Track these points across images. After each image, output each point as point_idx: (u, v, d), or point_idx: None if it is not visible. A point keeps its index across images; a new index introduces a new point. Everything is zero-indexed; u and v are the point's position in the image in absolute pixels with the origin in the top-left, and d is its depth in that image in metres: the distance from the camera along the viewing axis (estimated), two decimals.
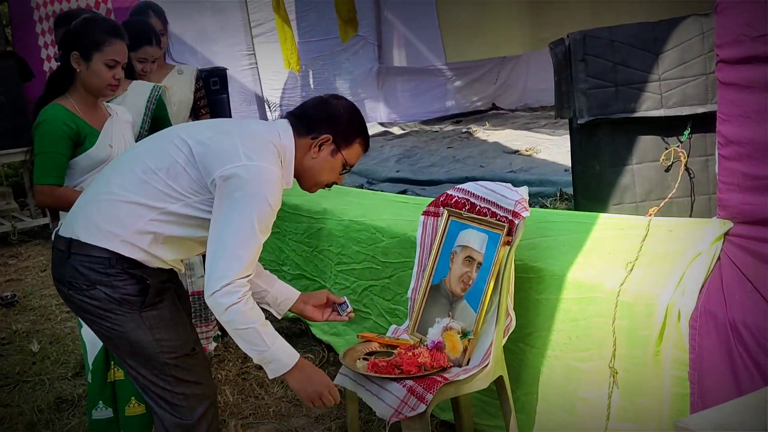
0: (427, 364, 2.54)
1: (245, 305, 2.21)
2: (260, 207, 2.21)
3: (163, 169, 2.29)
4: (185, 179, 2.28)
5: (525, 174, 6.20)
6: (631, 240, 2.61)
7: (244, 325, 2.23)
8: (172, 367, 2.37)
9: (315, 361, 3.93)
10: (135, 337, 2.33)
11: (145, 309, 2.33)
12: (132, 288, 2.31)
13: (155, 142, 2.43)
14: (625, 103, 3.16)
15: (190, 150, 2.29)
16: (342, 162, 2.44)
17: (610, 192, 3.27)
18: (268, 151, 2.29)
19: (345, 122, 2.42)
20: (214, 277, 2.19)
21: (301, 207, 4.35)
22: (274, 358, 2.28)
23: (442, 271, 2.83)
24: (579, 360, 2.57)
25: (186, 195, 2.28)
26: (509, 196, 2.66)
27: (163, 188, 2.28)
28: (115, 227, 2.29)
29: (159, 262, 2.35)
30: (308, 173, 2.43)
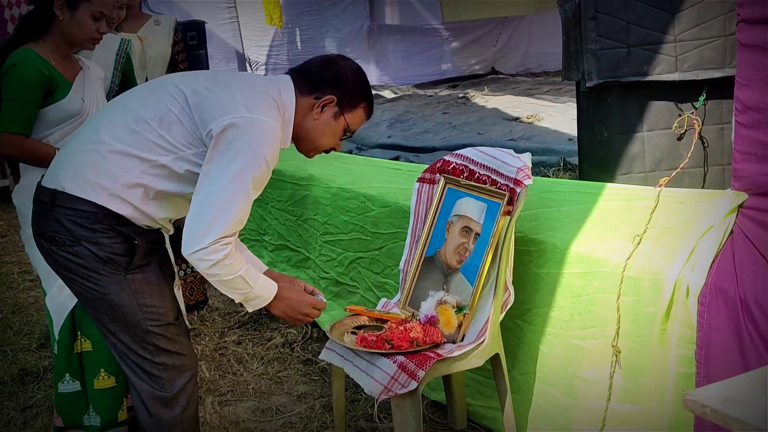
0: (419, 340, 2.57)
1: (231, 258, 2.23)
2: (257, 162, 2.22)
3: (155, 119, 2.28)
4: (179, 130, 2.27)
5: (526, 142, 6.22)
6: (639, 212, 2.63)
7: (230, 276, 2.26)
8: (154, 335, 2.38)
9: (297, 337, 3.96)
10: (118, 300, 2.34)
11: (130, 271, 2.34)
12: (119, 247, 2.31)
13: (147, 90, 2.42)
14: (637, 65, 3.16)
15: (185, 99, 2.29)
16: (344, 126, 2.43)
17: (618, 161, 3.28)
18: (268, 106, 2.30)
19: (351, 84, 2.42)
20: (199, 234, 2.20)
21: (284, 172, 4.34)
22: (257, 296, 2.36)
23: (437, 242, 2.85)
24: (580, 338, 2.60)
25: (179, 147, 2.28)
26: (511, 163, 2.67)
27: (155, 139, 2.28)
28: (103, 179, 2.28)
29: (148, 220, 2.35)
30: (308, 135, 2.43)
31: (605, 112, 3.30)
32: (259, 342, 3.98)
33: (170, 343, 2.42)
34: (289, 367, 3.72)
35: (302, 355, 3.80)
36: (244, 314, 4.27)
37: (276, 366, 3.73)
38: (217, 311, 4.38)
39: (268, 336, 4.03)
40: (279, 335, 4.00)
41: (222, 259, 2.21)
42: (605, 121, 3.31)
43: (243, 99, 2.27)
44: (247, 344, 3.97)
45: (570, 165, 5.03)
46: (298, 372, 3.66)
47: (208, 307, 4.41)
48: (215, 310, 4.39)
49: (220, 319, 4.28)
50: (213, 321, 4.27)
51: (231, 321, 4.25)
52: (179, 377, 2.44)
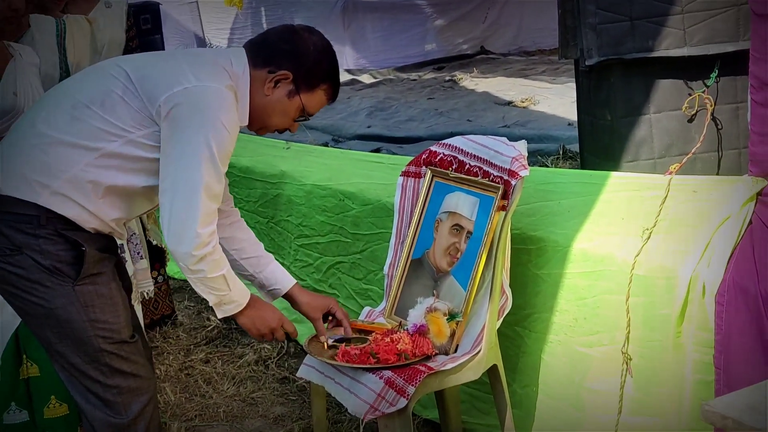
0: (407, 352, 2.56)
1: (216, 253, 2.29)
2: (216, 132, 2.22)
3: (96, 102, 2.28)
4: (124, 111, 2.27)
5: (521, 129, 6.24)
6: (648, 203, 2.64)
7: (214, 274, 2.31)
8: (107, 354, 2.36)
9: (272, 353, 3.95)
10: (66, 315, 2.31)
11: (80, 282, 2.31)
12: (65, 254, 2.30)
13: (87, 73, 2.42)
14: (641, 40, 3.17)
15: (127, 77, 2.29)
16: (299, 107, 2.44)
17: (623, 147, 3.30)
18: (218, 73, 2.30)
19: (311, 61, 2.42)
20: (179, 225, 2.22)
21: (253, 170, 4.34)
22: (232, 300, 2.40)
23: (425, 242, 2.85)
24: (586, 345, 2.61)
25: (127, 129, 2.27)
26: (504, 152, 2.67)
27: (99, 124, 2.27)
28: (44, 177, 2.27)
29: (97, 222, 2.33)
30: (258, 112, 2.43)
31: (607, 93, 3.31)
32: (230, 360, 3.97)
33: (125, 363, 2.40)
34: (263, 386, 3.71)
35: (278, 373, 3.79)
36: (212, 329, 4.26)
37: (249, 386, 3.72)
38: (181, 327, 4.36)
39: (239, 353, 4.02)
40: (251, 352, 3.99)
41: (210, 253, 2.26)
42: (608, 103, 3.32)
43: (191, 69, 2.28)
44: (216, 362, 3.95)
45: (570, 153, 5.05)
46: (274, 392, 3.66)
47: (173, 322, 4.39)
48: (180, 326, 4.37)
49: (185, 336, 4.27)
50: (177, 337, 4.25)
51: (197, 337, 4.24)
52: (135, 401, 2.42)
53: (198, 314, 4.52)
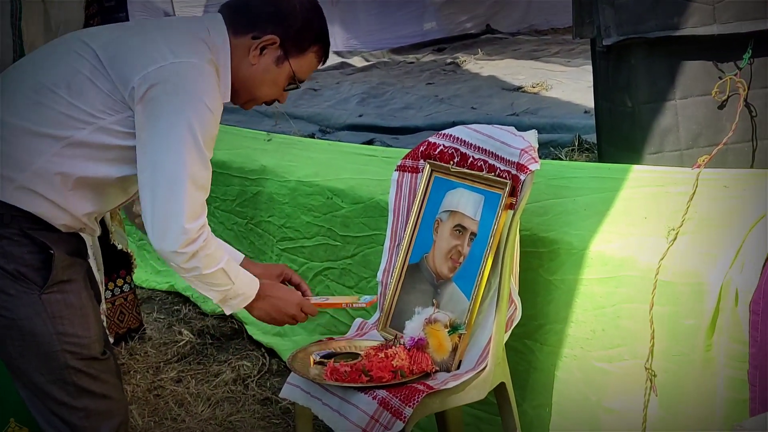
0: (404, 369, 2.56)
1: (209, 247, 2.29)
2: (199, 114, 2.22)
3: (62, 85, 2.26)
4: (94, 94, 2.25)
5: (531, 117, 6.23)
6: (674, 200, 2.64)
7: (211, 269, 2.31)
8: (75, 372, 2.35)
9: (252, 370, 3.95)
10: (30, 327, 2.30)
11: (47, 290, 2.30)
12: (32, 257, 2.28)
13: (48, 52, 2.40)
14: (665, 16, 3.17)
15: (95, 55, 2.27)
16: (289, 74, 2.44)
17: (646, 137, 3.30)
18: (198, 48, 2.30)
19: (300, 22, 2.41)
20: (164, 221, 2.22)
21: (230, 164, 4.34)
22: (238, 293, 2.43)
23: (424, 245, 2.85)
24: (605, 360, 2.61)
25: (97, 115, 2.25)
26: (512, 144, 2.68)
27: (65, 110, 2.25)
28: (7, 169, 2.25)
29: (68, 218, 2.32)
30: (244, 84, 2.42)
31: (628, 76, 3.31)
32: (205, 378, 3.97)
33: (94, 382, 2.39)
34: (242, 409, 3.71)
35: (259, 394, 3.79)
36: (184, 344, 4.26)
37: (226, 408, 3.72)
38: (150, 342, 4.36)
39: (215, 371, 4.02)
40: (229, 369, 3.99)
41: (202, 248, 2.26)
42: (628, 87, 3.32)
43: (166, 43, 2.27)
44: (189, 382, 3.95)
45: (586, 144, 5.04)
46: (254, 415, 3.66)
47: (140, 337, 4.39)
48: (148, 341, 4.37)
49: (154, 352, 4.26)
50: (145, 354, 4.25)
51: (168, 353, 4.24)
52: (104, 425, 2.41)
53: (168, 327, 4.52)
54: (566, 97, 6.90)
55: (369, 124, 6.70)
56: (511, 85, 7.67)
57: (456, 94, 7.52)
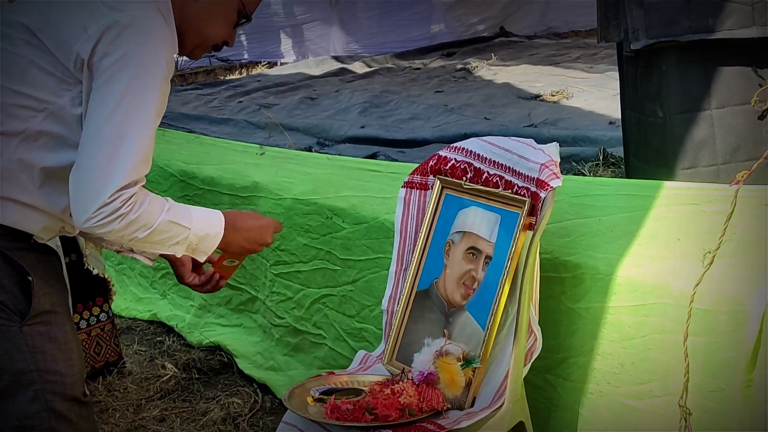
0: (412, 407, 2.56)
1: (141, 206, 2.19)
2: (150, 69, 2.19)
3: (2, 73, 2.25)
4: (37, 75, 2.24)
5: (551, 129, 6.25)
6: (710, 219, 2.64)
7: (153, 225, 2.22)
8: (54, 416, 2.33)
9: (243, 408, 3.94)
10: (8, 364, 2.29)
11: (29, 321, 2.29)
12: (10, 283, 2.28)
13: None
14: (700, 18, 3.18)
15: (27, 29, 2.26)
16: (237, 6, 2.44)
17: (679, 150, 3.30)
18: None
19: None
20: (93, 188, 2.15)
21: (219, 181, 4.35)
22: (199, 236, 2.35)
23: (434, 270, 2.85)
24: (635, 396, 2.60)
25: (46, 99, 2.24)
26: (532, 158, 2.68)
27: (12, 100, 2.24)
28: None
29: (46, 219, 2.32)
30: (192, 24, 2.40)
31: (658, 84, 3.32)
32: (191, 417, 3.96)
33: (72, 429, 2.38)
34: None
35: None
36: (168, 379, 4.26)
37: None
38: (130, 376, 4.36)
39: (202, 408, 4.01)
40: (217, 407, 3.98)
41: (130, 210, 2.17)
42: (659, 96, 3.33)
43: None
44: (173, 421, 3.95)
45: (612, 158, 5.05)
46: None
47: (119, 371, 4.39)
48: (128, 375, 4.37)
49: (134, 387, 4.26)
50: (125, 390, 4.25)
51: (150, 389, 4.23)
52: None
53: (150, 361, 4.52)
54: (589, 106, 6.92)
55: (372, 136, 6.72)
56: (528, 93, 7.69)
57: (467, 104, 7.54)
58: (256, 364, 4.08)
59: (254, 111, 7.95)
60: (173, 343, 4.65)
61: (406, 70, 9.81)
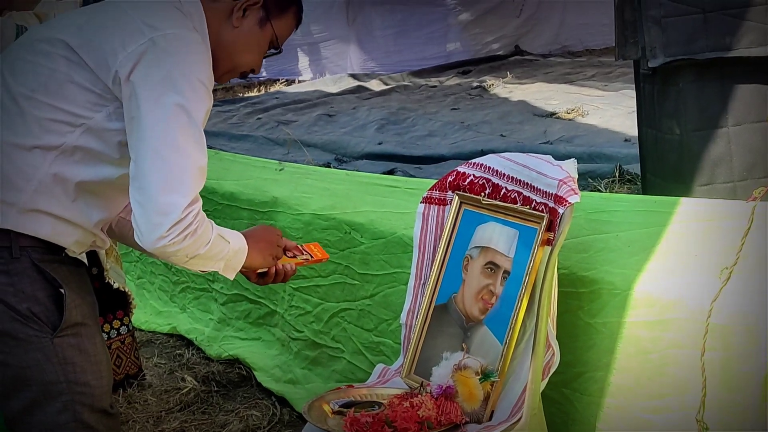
0: (431, 420, 2.56)
1: (204, 220, 2.25)
2: (191, 87, 2.21)
3: (40, 88, 2.26)
4: (75, 91, 2.25)
5: (567, 146, 6.25)
6: (727, 235, 2.63)
7: (209, 240, 2.28)
8: (82, 427, 2.34)
9: (261, 421, 3.94)
10: (39, 375, 2.29)
11: (60, 333, 2.30)
12: (44, 295, 2.28)
13: (15, 56, 2.36)
14: (717, 36, 3.18)
15: (67, 46, 2.26)
16: (271, 37, 2.48)
17: (696, 167, 3.30)
18: (172, 15, 2.30)
19: None
20: (162, 208, 2.17)
21: (239, 196, 4.36)
22: (235, 249, 2.42)
23: (452, 284, 2.85)
24: (651, 411, 2.59)
25: (83, 114, 2.25)
26: (549, 174, 2.68)
27: (49, 115, 2.25)
28: (6, 192, 2.25)
29: (79, 233, 2.33)
30: (227, 50, 2.44)
31: (675, 101, 3.32)
32: (210, 430, 3.97)
33: None
34: None
35: None
36: (187, 392, 4.26)
37: None
38: (150, 389, 4.36)
39: (221, 421, 4.01)
40: (236, 419, 3.98)
41: (199, 226, 2.22)
42: (676, 113, 3.33)
43: (140, 17, 2.26)
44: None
45: (629, 175, 5.05)
46: None
47: (139, 384, 4.39)
48: (148, 388, 4.37)
49: (154, 400, 4.27)
50: (145, 402, 4.25)
51: (170, 402, 4.24)
52: None
53: (170, 373, 4.52)
54: (604, 124, 6.92)
55: (389, 152, 6.73)
56: (544, 110, 7.70)
57: (483, 121, 7.55)
58: (274, 377, 4.08)
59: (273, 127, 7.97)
60: (193, 356, 4.66)
61: (422, 87, 9.83)
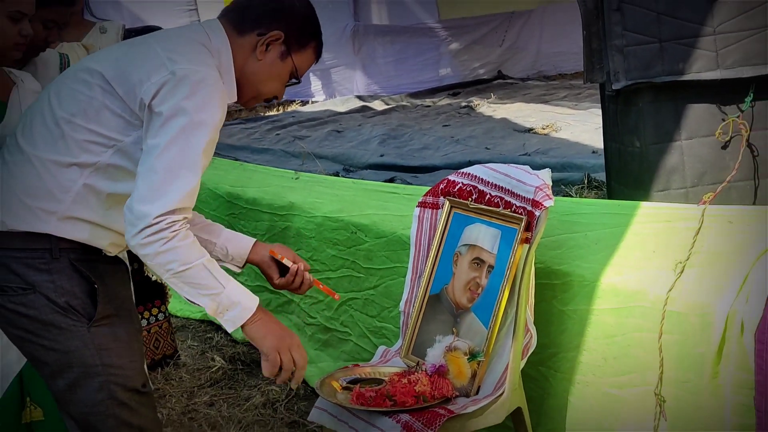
0: (426, 394, 2.55)
1: (184, 239, 2.16)
2: (199, 117, 2.17)
3: (79, 113, 2.26)
4: (109, 117, 2.25)
5: (542, 157, 6.24)
6: (681, 234, 2.62)
7: (186, 265, 2.16)
8: (116, 404, 2.34)
9: (280, 395, 3.93)
10: (79, 359, 2.30)
11: (95, 323, 2.30)
12: (80, 290, 2.29)
13: (59, 84, 2.38)
14: (671, 63, 3.17)
15: (102, 77, 2.26)
16: (291, 69, 2.43)
17: (654, 175, 3.28)
18: (196, 52, 2.27)
19: (300, 18, 2.41)
20: (141, 211, 2.14)
21: (260, 201, 4.35)
22: (232, 301, 2.23)
23: (444, 277, 2.84)
24: (616, 386, 2.59)
25: (115, 137, 2.25)
26: (527, 182, 2.67)
27: (85, 137, 2.25)
28: (46, 202, 2.26)
29: (113, 236, 2.32)
30: (250, 80, 2.40)
31: (636, 118, 3.31)
32: (236, 402, 3.95)
33: (133, 415, 2.38)
34: (271, 431, 3.69)
35: (287, 417, 3.77)
36: (216, 370, 4.25)
37: (256, 430, 3.70)
38: (184, 367, 4.35)
39: (245, 395, 4.00)
40: (259, 394, 3.97)
41: (173, 237, 2.13)
42: (636, 129, 3.31)
43: (165, 52, 2.24)
44: (221, 405, 3.94)
45: (596, 182, 5.04)
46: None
47: (175, 363, 4.38)
48: (182, 366, 4.36)
49: (188, 377, 4.25)
50: (180, 379, 4.24)
51: (201, 378, 4.23)
52: None
53: (202, 354, 4.51)
54: (575, 138, 6.91)
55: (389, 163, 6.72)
56: (522, 126, 7.68)
57: (471, 136, 7.53)
58: None
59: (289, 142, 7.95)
60: (221, 339, 4.64)
61: (418, 107, 9.81)
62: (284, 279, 2.61)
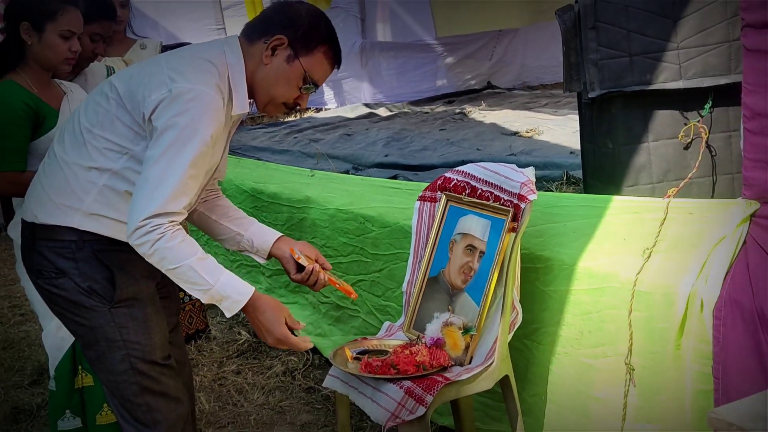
0: (425, 363, 2.55)
1: (170, 240, 2.13)
2: (191, 131, 2.13)
3: (98, 124, 2.27)
4: (120, 128, 2.24)
5: (526, 156, 6.21)
6: (648, 224, 2.62)
7: (175, 264, 2.15)
8: (138, 373, 2.35)
9: (298, 364, 3.93)
10: (104, 335, 2.32)
11: (115, 305, 2.32)
12: (100, 276, 2.31)
13: (90, 96, 2.39)
14: (640, 74, 3.16)
15: (117, 93, 2.25)
16: (301, 73, 2.30)
17: (624, 173, 3.28)
18: (199, 70, 2.21)
19: (305, 24, 2.30)
20: (134, 213, 2.14)
21: (280, 195, 4.35)
22: (222, 296, 2.21)
23: (441, 261, 2.84)
24: (591, 357, 2.59)
25: (127, 146, 2.24)
26: (514, 178, 2.67)
27: (103, 145, 2.26)
28: (71, 200, 2.28)
29: None
30: (261, 86, 2.32)
31: (609, 123, 3.30)
32: (259, 371, 3.96)
33: (154, 382, 2.38)
34: (290, 396, 3.70)
35: (304, 384, 3.78)
36: (242, 343, 4.26)
37: (277, 395, 3.71)
38: (215, 340, 4.36)
39: (268, 365, 4.01)
40: (279, 363, 3.98)
41: (158, 239, 2.12)
42: (609, 132, 3.31)
43: (169, 70, 2.20)
44: (246, 374, 3.95)
45: (573, 179, 5.02)
46: (301, 401, 3.64)
47: (206, 336, 4.39)
48: (213, 339, 4.37)
49: (218, 349, 4.26)
50: (211, 351, 4.25)
51: (229, 350, 4.23)
52: (164, 419, 2.39)
53: (230, 329, 4.52)
54: (555, 140, 6.88)
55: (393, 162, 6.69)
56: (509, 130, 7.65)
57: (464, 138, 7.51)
58: (307, 331, 4.07)
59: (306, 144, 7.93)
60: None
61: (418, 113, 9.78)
62: (299, 276, 2.59)
